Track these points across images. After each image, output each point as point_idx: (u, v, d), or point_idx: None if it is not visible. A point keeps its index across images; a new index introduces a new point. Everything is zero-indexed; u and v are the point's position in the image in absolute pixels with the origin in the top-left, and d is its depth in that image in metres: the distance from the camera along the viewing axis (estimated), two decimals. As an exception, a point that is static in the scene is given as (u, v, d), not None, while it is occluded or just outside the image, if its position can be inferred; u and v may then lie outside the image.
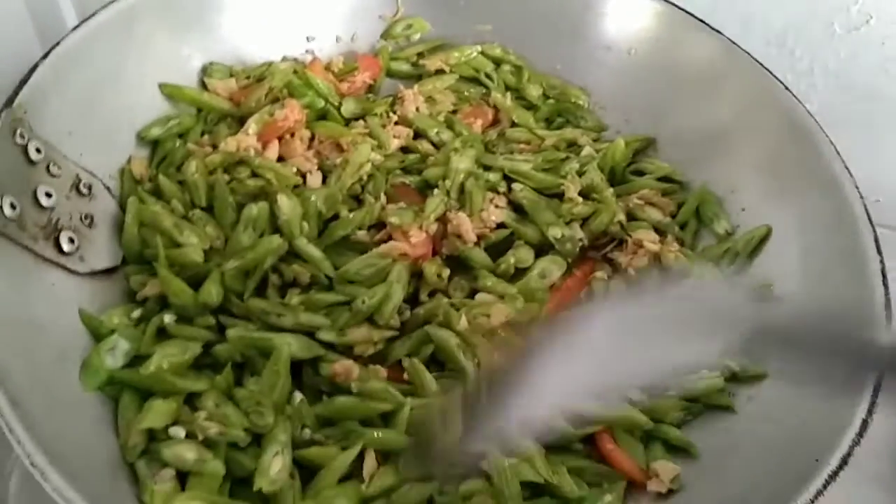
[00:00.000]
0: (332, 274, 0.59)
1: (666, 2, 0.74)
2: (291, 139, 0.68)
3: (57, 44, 0.58)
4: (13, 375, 0.44)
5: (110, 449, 0.49)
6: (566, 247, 0.63)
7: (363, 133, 0.70)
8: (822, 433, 0.50)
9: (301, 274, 0.59)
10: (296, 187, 0.64)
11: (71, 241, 0.54)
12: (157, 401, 0.50)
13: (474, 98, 0.78)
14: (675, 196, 0.71)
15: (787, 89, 0.67)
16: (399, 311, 0.58)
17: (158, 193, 0.62)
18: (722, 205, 0.69)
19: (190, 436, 0.49)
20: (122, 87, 0.64)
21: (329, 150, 0.69)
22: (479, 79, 0.79)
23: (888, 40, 0.76)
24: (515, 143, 0.73)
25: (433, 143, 0.72)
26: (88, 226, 0.57)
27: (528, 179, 0.67)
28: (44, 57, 0.57)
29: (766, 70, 0.69)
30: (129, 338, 0.53)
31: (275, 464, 0.49)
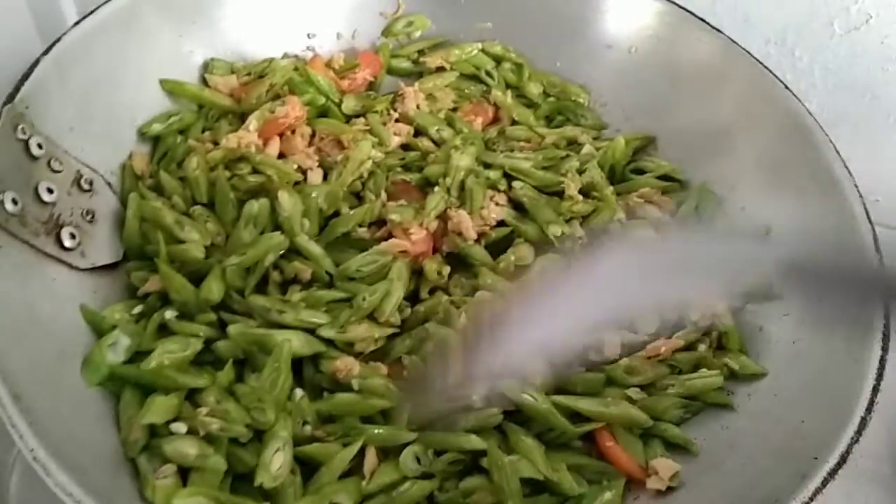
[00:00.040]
0: (332, 271, 0.59)
1: (667, 0, 0.74)
2: (292, 136, 0.68)
3: (58, 39, 0.58)
4: (15, 370, 0.44)
5: (112, 444, 0.49)
6: (566, 245, 0.63)
7: (364, 130, 0.70)
8: (821, 431, 0.50)
9: (302, 271, 0.59)
10: (296, 184, 0.64)
11: (72, 236, 0.54)
12: (158, 397, 0.50)
13: (475, 96, 0.78)
14: (675, 194, 0.71)
15: (787, 88, 0.67)
16: (399, 308, 0.58)
17: (159, 189, 0.62)
18: (721, 203, 0.69)
19: (191, 432, 0.49)
20: (124, 83, 0.64)
21: (330, 147, 0.69)
22: (480, 76, 0.79)
23: (888, 40, 0.76)
24: (516, 141, 0.73)
25: (434, 141, 0.72)
26: (90, 221, 0.56)
27: (529, 177, 0.67)
28: (45, 52, 0.57)
29: (766, 69, 0.69)
30: (130, 333, 0.53)
31: (276, 460, 0.49)
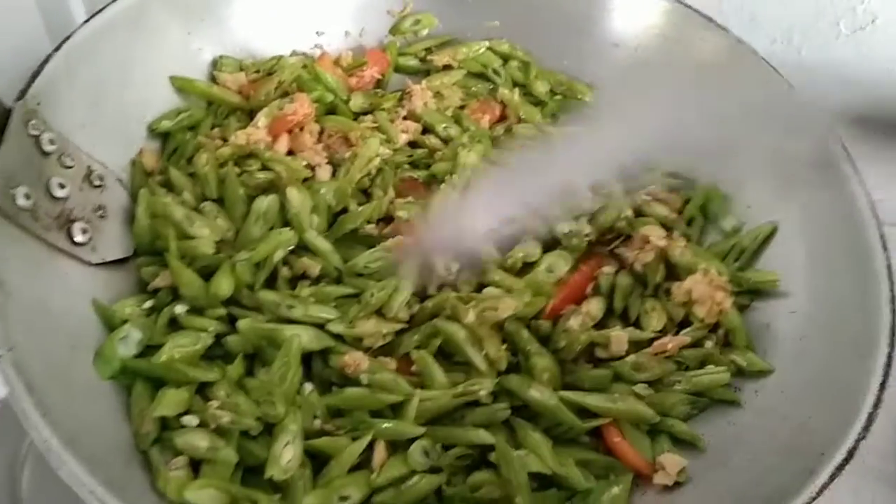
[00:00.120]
0: (341, 267, 0.60)
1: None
2: (301, 133, 0.68)
3: (69, 37, 0.59)
4: (29, 362, 0.44)
5: (124, 436, 0.49)
6: (573, 242, 0.63)
7: (372, 127, 0.70)
8: (828, 427, 0.51)
9: (311, 267, 0.59)
10: (305, 180, 0.64)
11: (83, 231, 0.54)
12: (169, 390, 0.50)
13: (482, 94, 0.78)
14: (682, 192, 0.71)
15: (793, 88, 0.67)
16: (408, 304, 0.59)
17: (169, 185, 0.62)
18: (728, 201, 0.69)
19: (202, 425, 0.50)
20: (133, 80, 0.64)
21: (338, 144, 0.69)
22: (487, 75, 0.79)
23: (893, 40, 0.77)
24: (523, 139, 0.74)
25: (441, 139, 0.72)
26: (100, 217, 0.57)
27: (536, 175, 0.68)
28: (56, 49, 0.57)
29: (772, 68, 0.69)
30: (141, 327, 0.53)
31: (286, 453, 0.49)
